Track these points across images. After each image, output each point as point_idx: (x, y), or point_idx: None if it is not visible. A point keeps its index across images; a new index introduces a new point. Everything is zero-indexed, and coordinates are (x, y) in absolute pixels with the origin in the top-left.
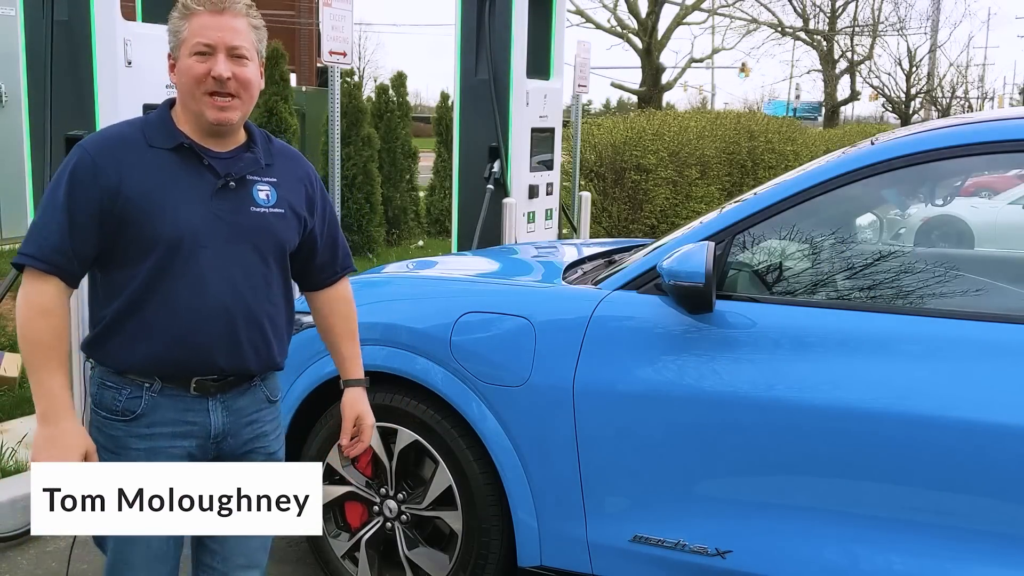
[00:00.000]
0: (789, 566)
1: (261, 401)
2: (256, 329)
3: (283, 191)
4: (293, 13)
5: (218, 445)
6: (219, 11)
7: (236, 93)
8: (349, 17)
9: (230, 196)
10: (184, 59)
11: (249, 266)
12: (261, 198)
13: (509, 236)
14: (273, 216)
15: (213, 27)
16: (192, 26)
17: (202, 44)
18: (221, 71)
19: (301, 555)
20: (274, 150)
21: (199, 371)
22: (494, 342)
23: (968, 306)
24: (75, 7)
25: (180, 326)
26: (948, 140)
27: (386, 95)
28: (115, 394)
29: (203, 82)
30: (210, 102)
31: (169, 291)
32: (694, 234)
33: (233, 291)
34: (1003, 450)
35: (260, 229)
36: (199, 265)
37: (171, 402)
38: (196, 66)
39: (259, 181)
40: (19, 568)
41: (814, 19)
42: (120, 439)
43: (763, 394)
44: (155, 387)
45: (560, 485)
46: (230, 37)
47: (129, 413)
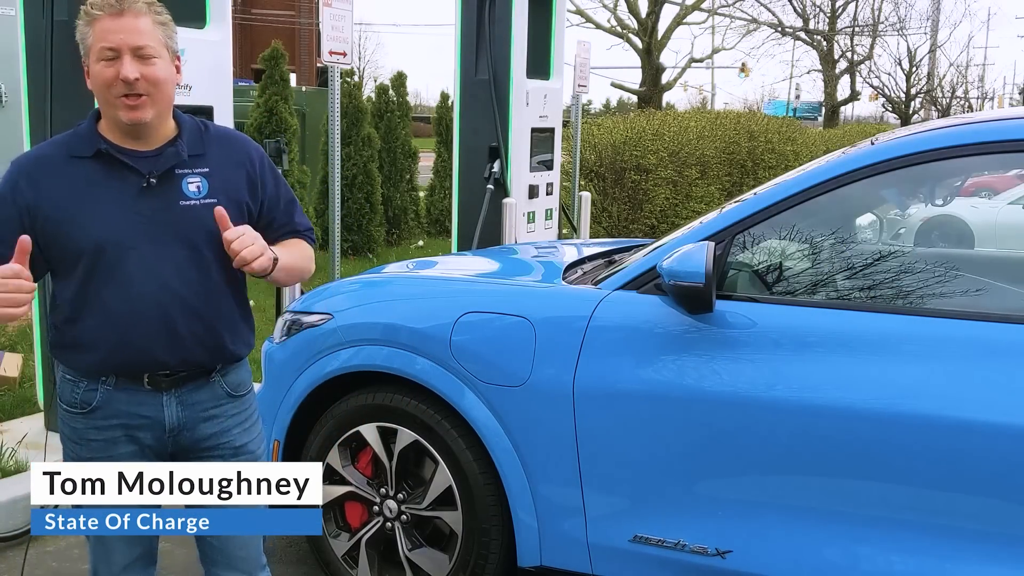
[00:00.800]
0: (789, 566)
1: (221, 396)
2: (197, 321)
3: (216, 180)
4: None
5: (175, 439)
6: (118, 13)
7: (147, 92)
8: (349, 17)
9: (156, 194)
10: (94, 65)
11: (182, 261)
12: (191, 191)
13: (509, 236)
14: (204, 208)
15: (114, 30)
16: (95, 31)
17: (106, 48)
18: (128, 73)
19: (301, 555)
20: (209, 139)
21: (147, 369)
22: (494, 342)
23: (968, 306)
24: (75, 7)
25: (116, 331)
26: (948, 140)
27: (386, 95)
28: (73, 387)
29: (113, 86)
30: (122, 103)
31: (100, 298)
32: (694, 234)
33: (164, 288)
34: (1003, 450)
35: (191, 222)
36: (125, 268)
37: (126, 395)
38: (104, 71)
39: (189, 173)
40: (19, 568)
41: (814, 19)
42: (80, 431)
43: (763, 394)
44: (110, 381)
45: (560, 485)
46: (133, 38)
47: (86, 405)
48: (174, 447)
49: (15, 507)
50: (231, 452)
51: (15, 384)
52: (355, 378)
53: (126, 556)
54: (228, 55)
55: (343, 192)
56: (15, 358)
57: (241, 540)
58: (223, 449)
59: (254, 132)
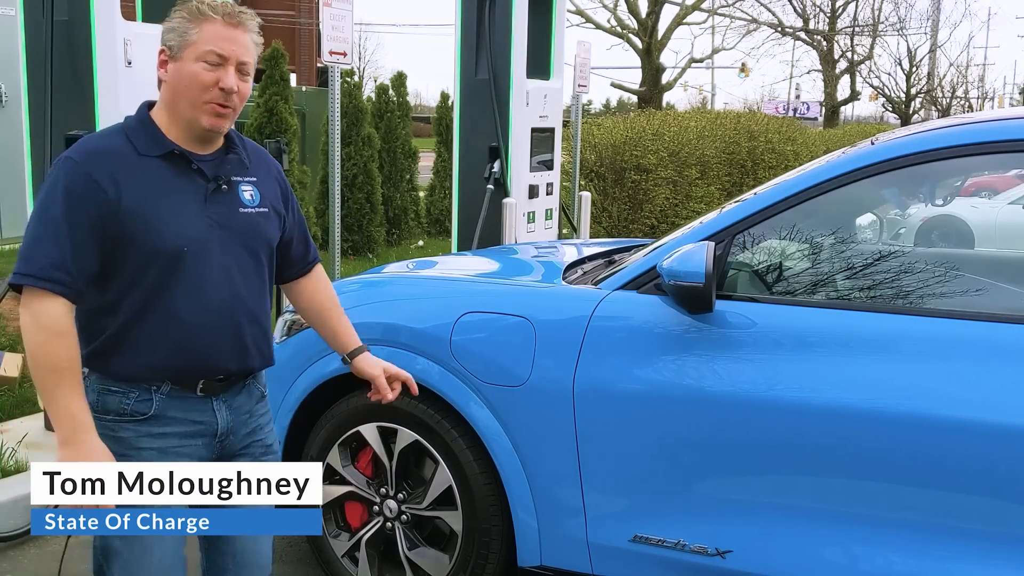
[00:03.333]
0: (789, 566)
1: (256, 397)
2: (258, 328)
3: (263, 189)
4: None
5: (221, 443)
6: (235, 24)
7: (234, 106)
8: (349, 17)
9: (221, 199)
10: (189, 63)
11: (245, 267)
12: (247, 198)
13: (509, 236)
14: (259, 216)
15: (228, 39)
16: (204, 32)
17: (215, 54)
18: (231, 84)
19: (301, 555)
20: (248, 150)
21: (208, 375)
22: (494, 342)
23: (968, 306)
24: (75, 7)
25: (186, 336)
26: (948, 140)
27: (386, 95)
28: (121, 398)
29: (208, 90)
30: (210, 108)
31: (172, 302)
32: (694, 234)
33: (234, 294)
34: (1003, 450)
35: (250, 229)
36: (200, 273)
37: (179, 403)
38: (204, 74)
39: (242, 182)
40: (19, 568)
41: (814, 19)
42: (129, 440)
43: (763, 394)
44: (164, 389)
45: (560, 485)
46: (242, 52)
47: (140, 415)
48: (220, 451)
49: (15, 507)
50: (262, 451)
51: (15, 384)
52: (355, 378)
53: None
54: None
55: (343, 192)
56: (15, 358)
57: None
58: (255, 448)
59: (254, 132)
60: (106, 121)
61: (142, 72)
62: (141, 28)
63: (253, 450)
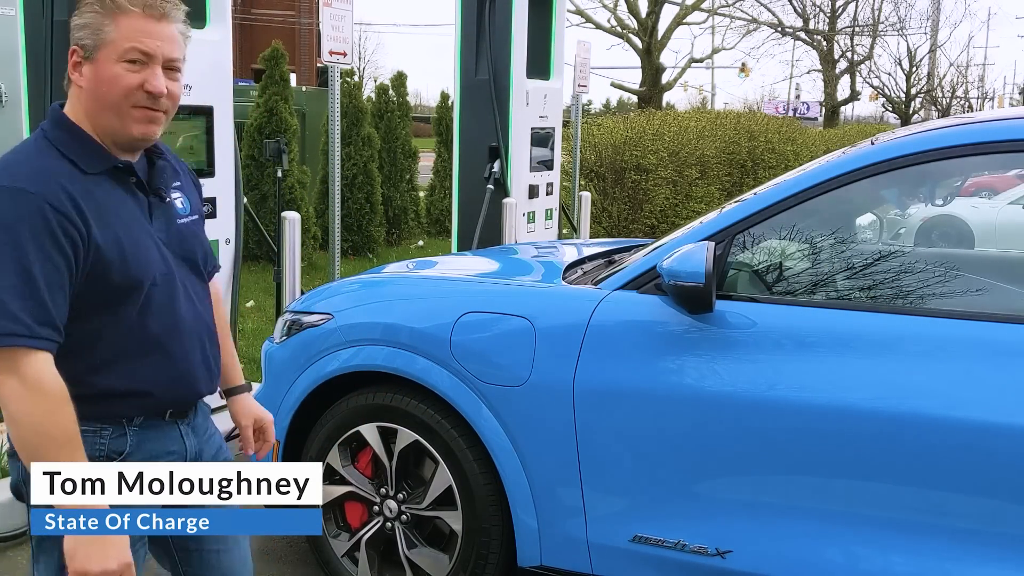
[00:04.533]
0: (789, 566)
1: (207, 415)
2: (215, 345)
3: (189, 193)
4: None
5: None
6: (157, 16)
7: (165, 109)
8: (349, 17)
9: (161, 213)
10: (108, 64)
11: (194, 283)
12: (179, 208)
13: (509, 236)
14: (193, 224)
15: (152, 34)
16: (122, 28)
17: (138, 51)
18: (159, 86)
19: (301, 555)
20: (166, 151)
21: (187, 402)
22: (494, 342)
23: (968, 306)
24: (75, 7)
25: (172, 369)
26: (948, 140)
27: (386, 95)
28: (94, 439)
29: (133, 94)
30: (139, 115)
31: (151, 335)
32: (694, 234)
33: (196, 315)
34: (1003, 450)
35: (190, 241)
36: (171, 299)
37: (153, 433)
38: (127, 76)
39: (171, 189)
40: (19, 568)
41: (814, 19)
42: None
43: (763, 394)
44: (136, 421)
45: (560, 485)
46: (170, 48)
47: (116, 455)
48: None
49: (15, 507)
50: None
51: None
52: (355, 378)
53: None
54: (228, 55)
55: (343, 192)
56: None
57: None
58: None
59: (254, 132)
60: None
61: None
62: None
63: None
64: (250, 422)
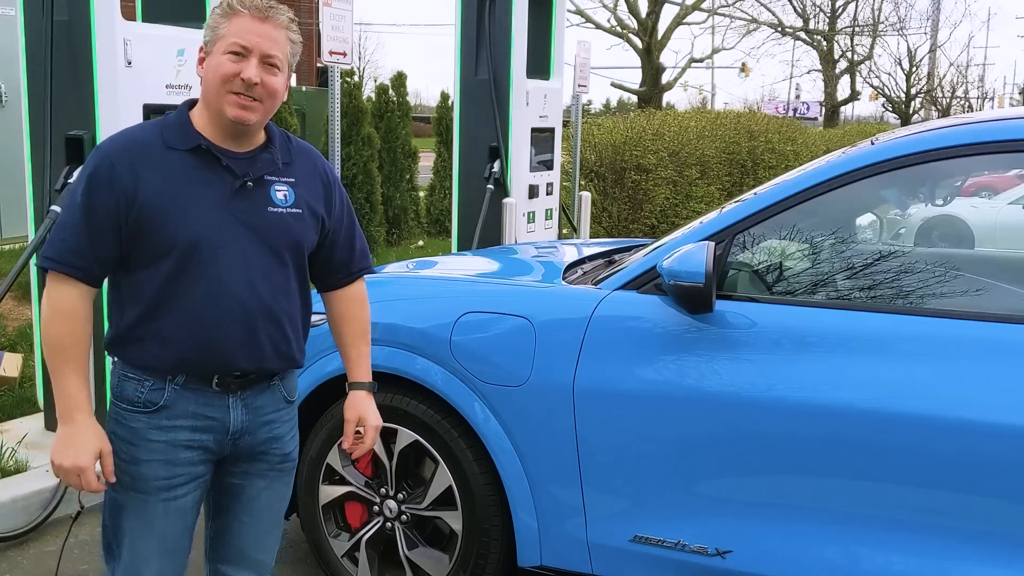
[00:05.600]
0: (789, 566)
1: (279, 401)
2: (276, 327)
3: (301, 191)
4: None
5: (235, 442)
6: (262, 17)
7: (260, 98)
8: (349, 17)
9: (248, 197)
10: (216, 56)
11: (267, 266)
12: (279, 198)
13: (509, 236)
14: (291, 216)
15: (253, 31)
16: (232, 26)
17: (239, 45)
18: (250, 75)
19: (301, 555)
20: (293, 149)
21: (221, 371)
22: (494, 342)
23: (968, 306)
24: (75, 7)
25: (200, 331)
26: (948, 140)
27: (386, 95)
28: (137, 386)
29: (230, 81)
30: (233, 99)
31: (187, 295)
32: (694, 234)
33: (251, 291)
34: (1003, 450)
35: (278, 229)
36: (217, 267)
37: (193, 396)
38: (227, 64)
39: (277, 181)
40: (19, 568)
41: (814, 19)
42: (139, 431)
43: (763, 394)
44: (178, 380)
45: (560, 485)
46: (267, 45)
47: (151, 405)
48: (232, 450)
49: (15, 507)
50: (279, 458)
51: (15, 384)
52: None
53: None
54: None
55: None
56: (15, 358)
57: (261, 542)
58: (274, 455)
59: None
60: (106, 121)
61: (142, 72)
62: (141, 28)
63: (270, 458)
64: (354, 418)
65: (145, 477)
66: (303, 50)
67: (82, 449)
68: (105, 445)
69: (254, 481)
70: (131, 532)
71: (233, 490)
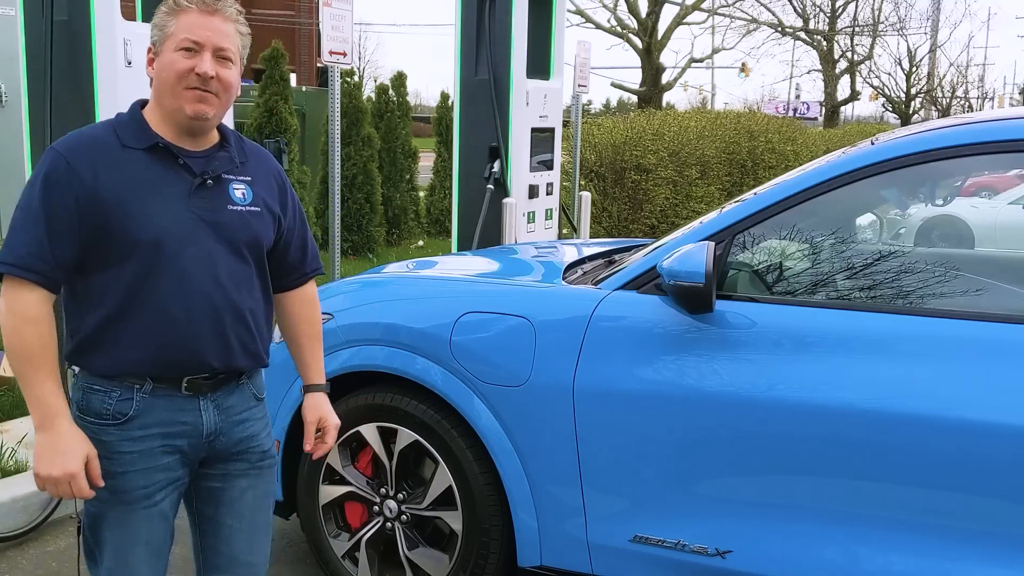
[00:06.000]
0: (789, 566)
1: (250, 399)
2: (242, 324)
3: (258, 189)
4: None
5: (210, 444)
6: (211, 11)
7: (216, 92)
8: (349, 17)
9: (207, 195)
10: (167, 54)
11: (231, 263)
12: (238, 196)
13: (509, 236)
14: (250, 214)
15: (203, 26)
16: (180, 23)
17: (190, 40)
18: (206, 68)
19: (301, 555)
20: (247, 149)
21: (191, 371)
22: (494, 342)
23: (968, 306)
24: (75, 7)
25: (169, 329)
26: (948, 140)
27: (386, 95)
28: (104, 397)
29: (185, 78)
30: (190, 95)
31: (154, 294)
32: (694, 234)
33: (218, 288)
34: (1003, 450)
35: (238, 227)
36: (182, 265)
37: (163, 402)
38: (180, 61)
39: (235, 180)
40: (19, 568)
41: (814, 19)
42: (111, 444)
43: (763, 394)
44: (146, 387)
45: (560, 485)
46: (218, 38)
47: (121, 416)
48: (208, 452)
49: (15, 507)
50: (258, 456)
51: (15, 384)
52: (355, 378)
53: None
54: None
55: (343, 192)
56: None
57: (251, 544)
58: (251, 454)
59: (254, 132)
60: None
61: (142, 72)
62: (141, 28)
63: (249, 456)
64: (314, 419)
65: (124, 489)
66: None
67: (70, 455)
68: (91, 448)
69: (235, 482)
70: (115, 541)
71: (215, 494)
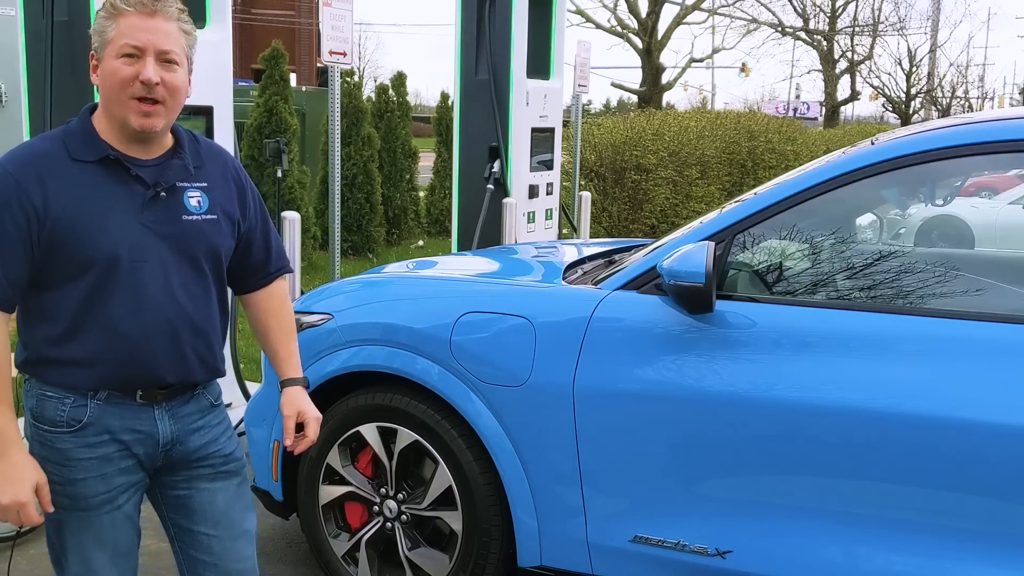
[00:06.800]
0: (789, 566)
1: (205, 408)
2: (199, 338)
3: (214, 195)
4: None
5: (167, 453)
6: (150, 13)
7: (162, 99)
8: (349, 17)
9: (161, 206)
10: (109, 61)
11: (187, 276)
12: (193, 205)
13: (509, 236)
14: (206, 223)
15: (143, 29)
16: (120, 27)
17: (130, 46)
18: (150, 75)
19: (301, 555)
20: (203, 151)
21: (146, 385)
22: (494, 342)
23: (968, 306)
24: (75, 7)
25: (125, 347)
26: (948, 140)
27: (386, 95)
28: (57, 404)
29: (129, 86)
30: (136, 107)
31: (108, 312)
32: (694, 234)
33: (173, 303)
34: (1003, 450)
35: (195, 237)
36: (137, 281)
37: (118, 410)
38: (123, 68)
39: (189, 187)
40: (17, 568)
41: (814, 19)
42: (68, 451)
43: (763, 394)
44: (100, 395)
45: (560, 485)
46: (160, 40)
47: (75, 423)
48: (164, 461)
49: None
50: (221, 460)
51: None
52: (355, 378)
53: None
54: (228, 55)
55: (343, 192)
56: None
57: (234, 551)
58: (214, 458)
59: (254, 132)
60: None
61: None
62: None
63: (212, 460)
64: (293, 413)
65: (84, 495)
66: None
67: (19, 485)
68: (41, 476)
69: (201, 488)
70: (80, 547)
71: (183, 502)
